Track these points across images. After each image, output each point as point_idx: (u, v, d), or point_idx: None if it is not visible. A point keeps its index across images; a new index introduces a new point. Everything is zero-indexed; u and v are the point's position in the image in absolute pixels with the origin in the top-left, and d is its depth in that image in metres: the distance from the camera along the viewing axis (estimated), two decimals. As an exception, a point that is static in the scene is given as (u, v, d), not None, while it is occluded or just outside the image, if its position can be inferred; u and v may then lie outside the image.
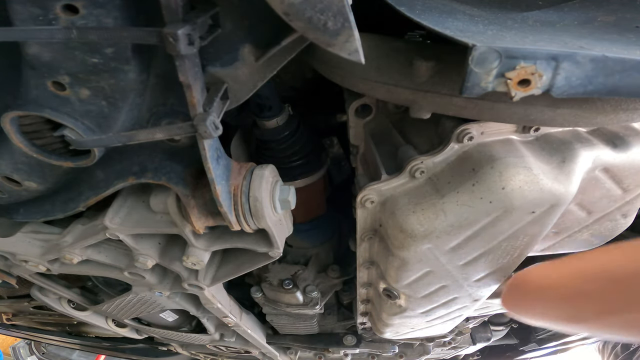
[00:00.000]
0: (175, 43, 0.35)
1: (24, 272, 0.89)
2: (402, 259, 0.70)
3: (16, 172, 0.54)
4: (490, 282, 0.81)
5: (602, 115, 0.51)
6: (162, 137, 0.46)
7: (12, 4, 0.37)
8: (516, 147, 0.60)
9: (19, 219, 0.65)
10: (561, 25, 0.51)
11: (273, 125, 0.81)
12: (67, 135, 0.47)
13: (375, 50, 0.57)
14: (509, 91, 0.39)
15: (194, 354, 1.85)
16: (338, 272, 1.19)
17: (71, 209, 0.62)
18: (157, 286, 0.89)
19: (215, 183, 0.52)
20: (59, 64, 0.41)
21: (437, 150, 0.62)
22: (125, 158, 0.57)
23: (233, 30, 0.45)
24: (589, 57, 0.39)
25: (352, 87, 0.62)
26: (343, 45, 0.35)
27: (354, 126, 0.73)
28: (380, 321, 1.08)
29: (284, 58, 0.48)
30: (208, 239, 0.71)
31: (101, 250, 0.80)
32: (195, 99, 0.41)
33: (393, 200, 0.66)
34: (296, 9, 0.33)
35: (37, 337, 2.02)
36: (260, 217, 0.58)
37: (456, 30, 0.43)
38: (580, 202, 0.69)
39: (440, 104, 0.55)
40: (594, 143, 0.62)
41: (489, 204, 0.59)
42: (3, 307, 1.52)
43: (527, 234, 0.65)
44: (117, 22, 0.38)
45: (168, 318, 1.26)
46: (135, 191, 0.70)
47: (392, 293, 0.86)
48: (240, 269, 0.80)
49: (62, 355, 3.96)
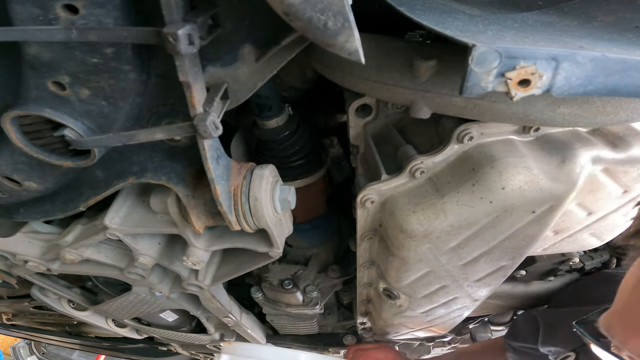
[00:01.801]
0: (175, 43, 0.35)
1: (24, 272, 0.89)
2: (402, 259, 0.70)
3: (16, 172, 0.54)
4: (491, 282, 0.81)
5: (602, 115, 0.51)
6: (162, 137, 0.46)
7: (12, 4, 0.37)
8: (516, 147, 0.60)
9: (19, 219, 0.65)
10: (561, 25, 0.51)
11: (273, 125, 0.81)
12: (67, 135, 0.47)
13: (375, 50, 0.57)
14: (509, 91, 0.38)
15: (194, 354, 1.86)
16: (338, 272, 1.19)
17: (71, 209, 0.62)
18: (157, 286, 0.89)
19: (215, 183, 0.52)
20: (59, 64, 0.41)
21: (437, 150, 0.62)
22: (125, 158, 0.57)
23: (233, 30, 0.45)
24: (589, 57, 0.39)
25: (352, 87, 0.62)
26: (343, 45, 0.35)
27: (354, 126, 0.73)
28: (380, 321, 1.08)
29: (284, 58, 0.48)
30: (208, 239, 0.71)
31: (101, 250, 0.80)
32: (195, 99, 0.41)
33: (393, 200, 0.66)
34: (296, 9, 0.33)
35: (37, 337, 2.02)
36: (260, 217, 0.58)
37: (456, 30, 0.43)
38: (580, 202, 0.69)
39: (440, 104, 0.55)
40: (594, 143, 0.62)
41: (489, 204, 0.59)
42: (3, 307, 1.52)
43: (527, 234, 0.65)
44: (117, 22, 0.38)
45: (168, 318, 1.26)
46: (135, 191, 0.70)
47: (392, 293, 0.86)
48: (240, 269, 0.80)
49: (62, 355, 3.96)
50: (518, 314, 1.47)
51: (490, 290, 0.85)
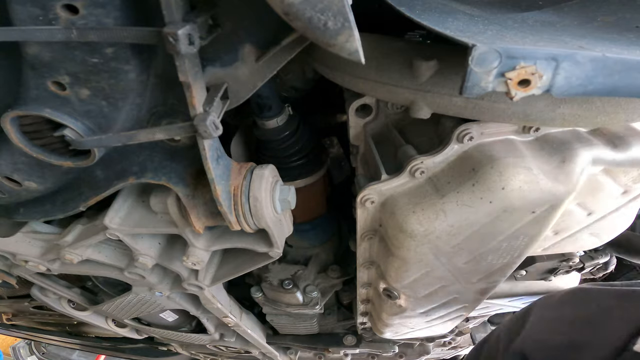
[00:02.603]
0: (175, 43, 0.35)
1: (24, 272, 0.89)
2: (402, 259, 0.70)
3: (16, 172, 0.54)
4: (491, 282, 0.81)
5: (602, 115, 0.51)
6: (162, 137, 0.46)
7: (12, 4, 0.37)
8: (516, 147, 0.60)
9: (19, 219, 0.65)
10: (561, 25, 0.51)
11: (273, 125, 0.81)
12: (67, 135, 0.47)
13: (375, 50, 0.57)
14: (509, 91, 0.38)
15: (194, 354, 1.86)
16: (338, 272, 1.19)
17: (71, 209, 0.62)
18: (157, 286, 0.89)
19: (215, 183, 0.52)
20: (59, 64, 0.41)
21: (437, 150, 0.62)
22: (125, 158, 0.57)
23: (233, 30, 0.45)
24: (589, 57, 0.39)
25: (352, 87, 0.62)
26: (343, 45, 0.35)
27: (354, 126, 0.73)
28: (380, 321, 1.08)
29: (284, 58, 0.48)
30: (208, 239, 0.71)
31: (101, 250, 0.80)
32: (195, 99, 0.41)
33: (393, 200, 0.66)
34: (296, 9, 0.33)
35: (37, 337, 2.02)
36: (260, 217, 0.58)
37: (456, 30, 0.43)
38: (580, 202, 0.69)
39: (440, 104, 0.55)
40: (594, 143, 0.62)
41: (489, 204, 0.59)
42: (3, 307, 1.52)
43: (527, 234, 0.65)
44: (117, 22, 0.38)
45: (168, 318, 1.26)
46: (135, 191, 0.70)
47: (392, 293, 0.86)
48: (240, 269, 0.80)
49: (62, 355, 3.96)
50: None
51: (490, 290, 0.85)
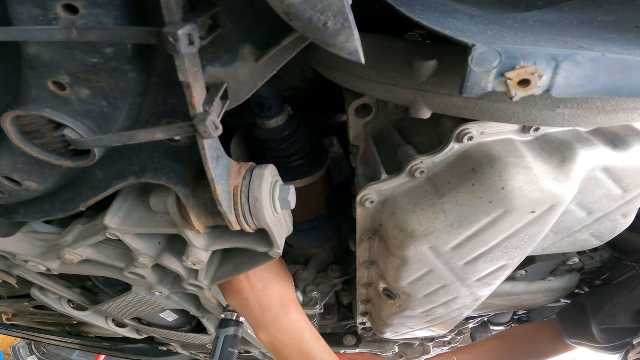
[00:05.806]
0: (175, 43, 0.35)
1: (24, 272, 0.89)
2: (402, 259, 0.70)
3: (16, 172, 0.54)
4: (491, 282, 0.81)
5: (602, 115, 0.51)
6: (162, 137, 0.46)
7: (12, 4, 0.37)
8: (516, 147, 0.60)
9: (19, 219, 0.65)
10: (561, 25, 0.51)
11: (273, 125, 0.81)
12: (67, 135, 0.47)
13: (375, 50, 0.57)
14: (509, 91, 0.39)
15: (194, 354, 1.85)
16: (338, 272, 1.19)
17: (71, 209, 0.62)
18: (157, 286, 0.89)
19: (215, 183, 0.52)
20: (59, 64, 0.41)
21: (437, 150, 0.62)
22: (125, 158, 0.57)
23: (233, 30, 0.45)
24: (589, 57, 0.39)
25: (352, 87, 0.62)
26: (343, 46, 0.35)
27: (354, 126, 0.73)
28: (380, 321, 1.08)
29: (284, 58, 0.48)
30: (208, 239, 0.71)
31: (101, 250, 0.80)
32: (195, 99, 0.41)
33: (393, 200, 0.66)
34: (296, 9, 0.33)
35: (37, 337, 2.02)
36: (260, 217, 0.58)
37: (456, 30, 0.43)
38: (580, 202, 0.69)
39: (440, 104, 0.55)
40: (594, 143, 0.62)
41: (489, 204, 0.59)
42: (3, 307, 1.52)
43: (527, 234, 0.65)
44: (117, 22, 0.38)
45: (168, 318, 1.26)
46: (135, 191, 0.70)
47: (392, 293, 0.86)
48: (240, 269, 0.80)
49: (62, 355, 3.96)
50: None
51: (490, 290, 0.85)
